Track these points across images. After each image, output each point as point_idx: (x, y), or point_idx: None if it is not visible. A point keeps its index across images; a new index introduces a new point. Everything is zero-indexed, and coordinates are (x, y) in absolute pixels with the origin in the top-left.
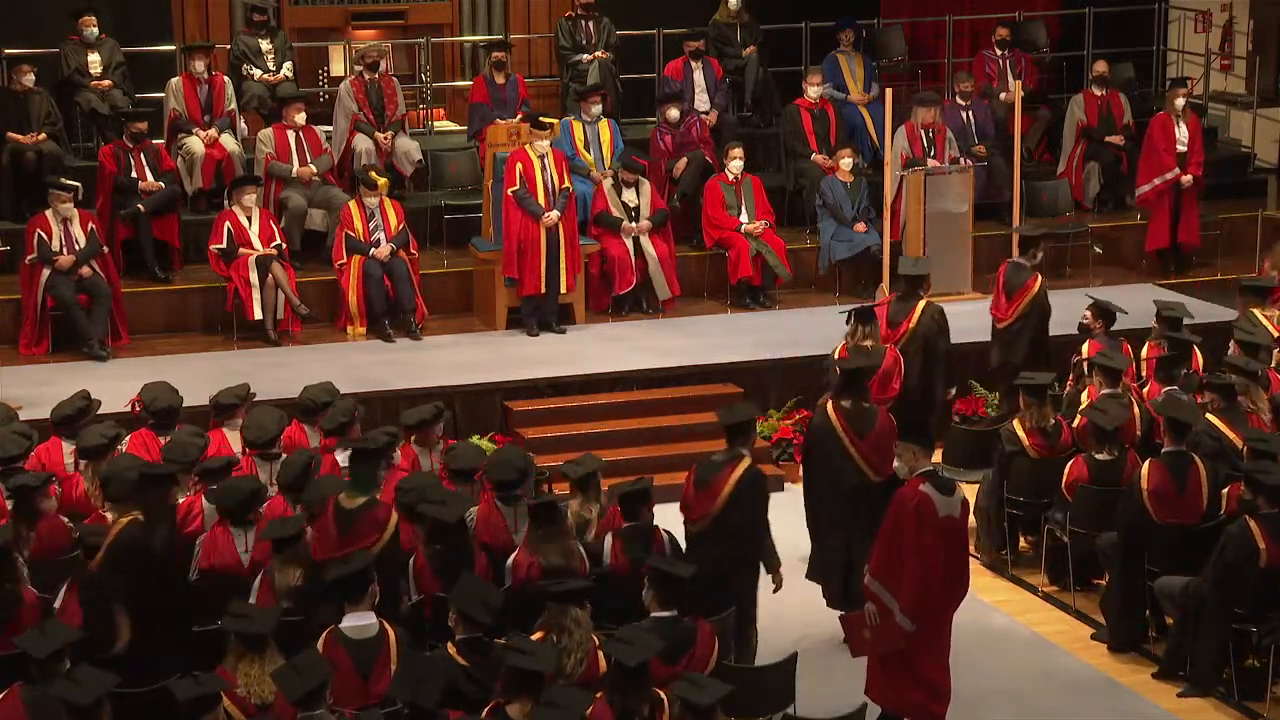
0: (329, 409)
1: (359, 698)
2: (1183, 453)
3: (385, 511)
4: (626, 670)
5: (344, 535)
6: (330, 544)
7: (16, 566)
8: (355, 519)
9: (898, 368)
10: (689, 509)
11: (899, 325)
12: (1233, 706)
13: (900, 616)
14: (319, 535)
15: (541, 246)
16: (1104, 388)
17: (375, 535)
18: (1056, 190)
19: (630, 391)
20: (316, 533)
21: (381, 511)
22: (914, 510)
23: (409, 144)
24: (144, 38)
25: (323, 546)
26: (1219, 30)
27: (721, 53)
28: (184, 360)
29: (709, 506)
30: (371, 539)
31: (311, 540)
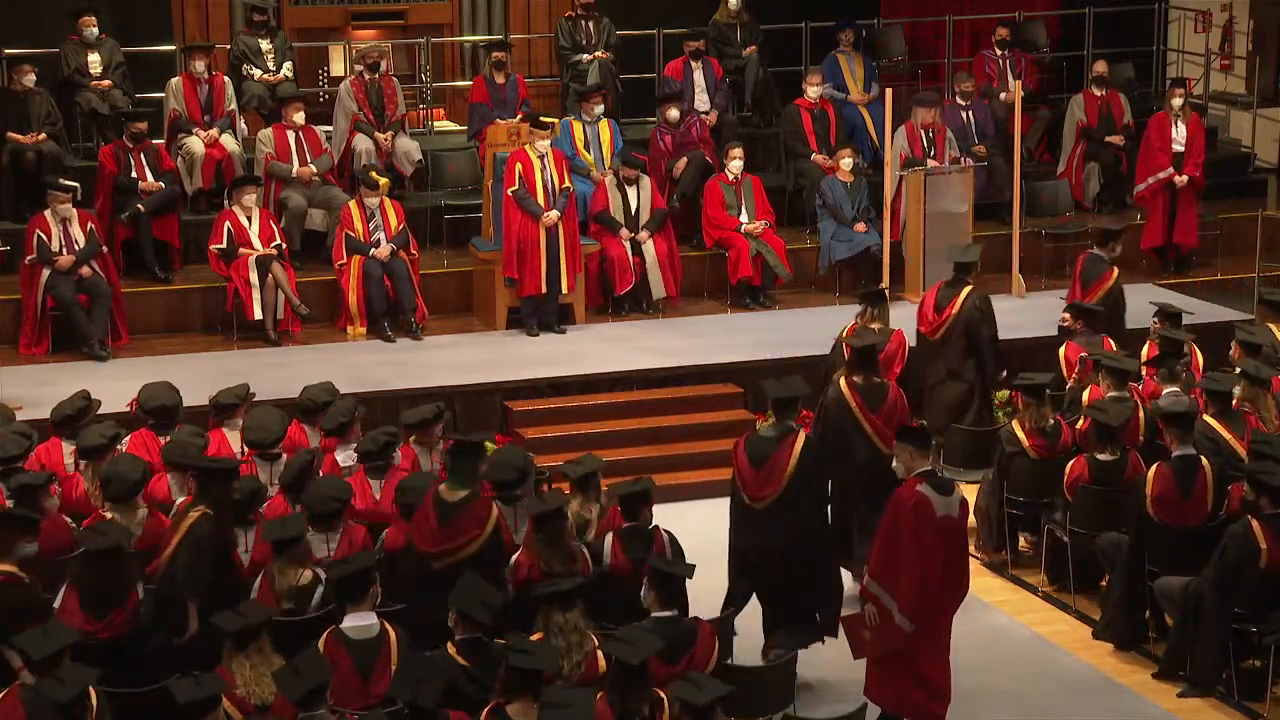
0: (329, 409)
1: (359, 698)
2: (1190, 456)
3: (486, 506)
4: (627, 669)
5: (445, 528)
6: (431, 536)
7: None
8: (457, 512)
9: (900, 351)
10: (750, 487)
11: (944, 310)
12: (1233, 706)
13: (899, 617)
14: (418, 527)
15: (541, 246)
16: (1110, 390)
17: (478, 529)
18: (1056, 190)
19: (630, 391)
20: (415, 525)
21: (483, 506)
22: (911, 511)
23: (409, 144)
24: (144, 38)
25: (423, 538)
26: (1219, 30)
27: (721, 53)
28: (184, 360)
29: (775, 484)
30: (474, 533)
31: (411, 532)
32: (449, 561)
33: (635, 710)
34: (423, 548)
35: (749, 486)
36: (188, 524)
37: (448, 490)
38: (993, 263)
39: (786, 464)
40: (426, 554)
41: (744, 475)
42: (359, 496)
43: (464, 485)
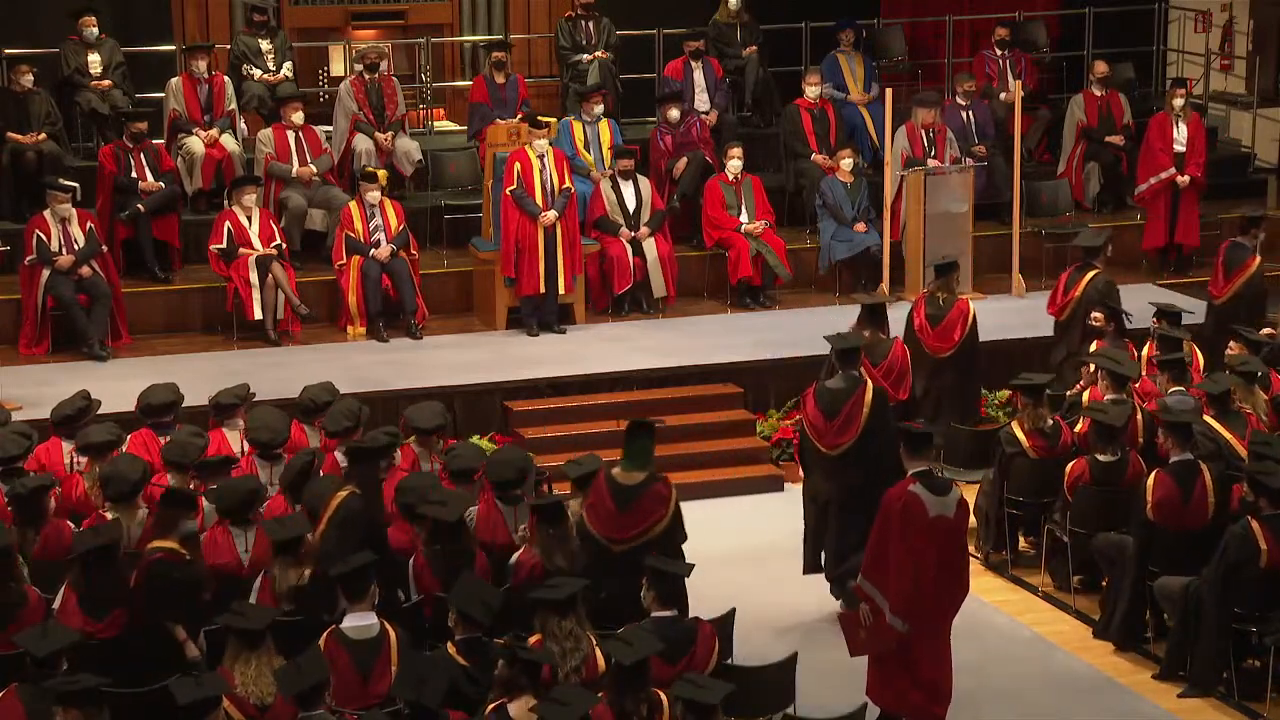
0: (330, 409)
1: (359, 698)
2: (1189, 462)
3: (666, 485)
4: (626, 669)
5: (624, 511)
6: (609, 520)
7: (18, 566)
8: (637, 495)
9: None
10: (825, 437)
11: (1069, 292)
12: (1233, 707)
13: (891, 616)
14: (593, 512)
15: (539, 246)
16: (1109, 392)
17: (661, 510)
18: (1056, 190)
19: (630, 391)
20: (590, 510)
21: (663, 486)
22: (900, 511)
23: (409, 144)
24: (144, 38)
25: (600, 522)
26: (1219, 30)
27: (721, 53)
28: (184, 360)
29: (850, 433)
30: (659, 513)
31: (587, 515)
32: (631, 545)
33: (635, 710)
34: (602, 532)
35: (824, 436)
36: (336, 502)
37: (623, 474)
38: (993, 263)
39: (861, 413)
40: (606, 538)
41: (818, 426)
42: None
43: (641, 467)
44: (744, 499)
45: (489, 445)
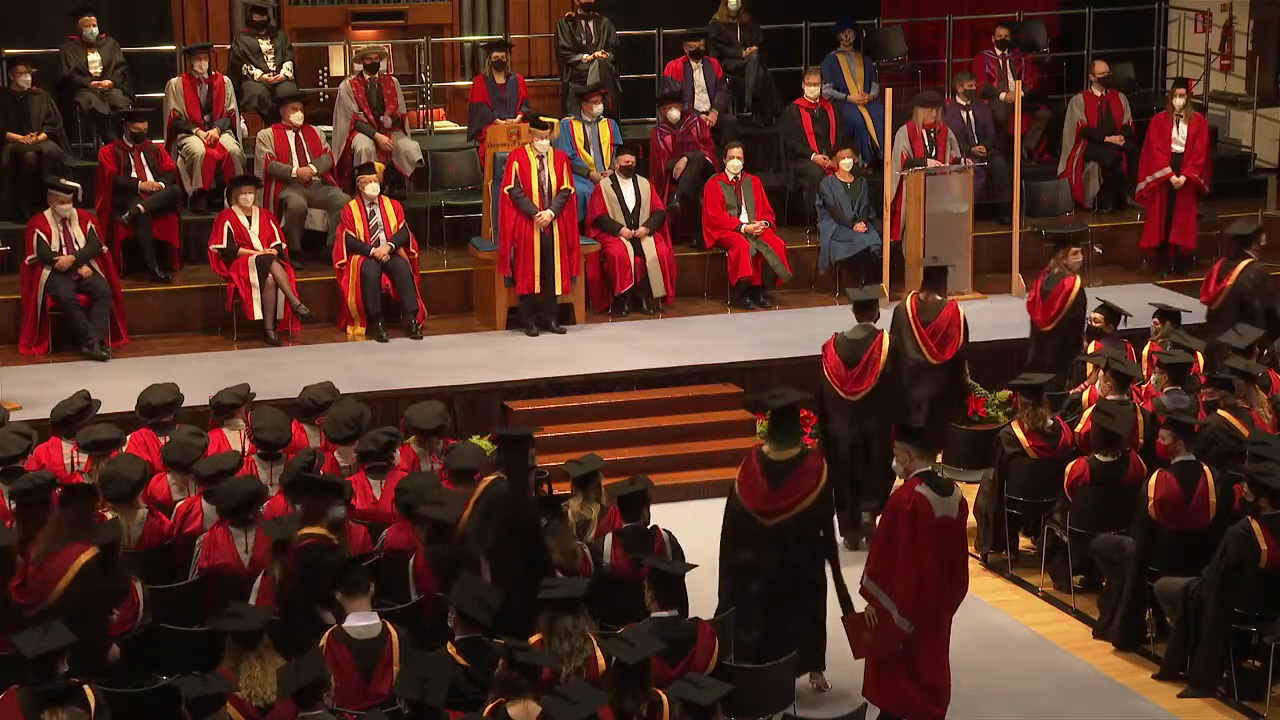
0: (329, 410)
1: (360, 698)
2: (1192, 462)
3: (818, 459)
4: (627, 669)
5: (779, 488)
6: (763, 495)
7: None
8: (791, 470)
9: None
10: (845, 384)
11: (1222, 281)
12: (1233, 707)
13: (898, 618)
14: (746, 489)
15: (535, 246)
16: (1111, 392)
17: (813, 482)
18: (1056, 190)
19: (630, 391)
20: (744, 489)
21: (815, 459)
22: (909, 512)
23: (409, 144)
24: (144, 38)
25: (753, 497)
26: (1219, 30)
27: (721, 53)
28: (184, 360)
29: (869, 380)
30: (810, 485)
31: (740, 492)
32: (784, 518)
33: (635, 710)
34: (755, 507)
35: (844, 383)
36: (483, 486)
37: (774, 450)
38: (993, 263)
39: (878, 361)
40: (759, 512)
41: (838, 374)
42: (359, 496)
43: (791, 444)
44: None
45: (489, 445)
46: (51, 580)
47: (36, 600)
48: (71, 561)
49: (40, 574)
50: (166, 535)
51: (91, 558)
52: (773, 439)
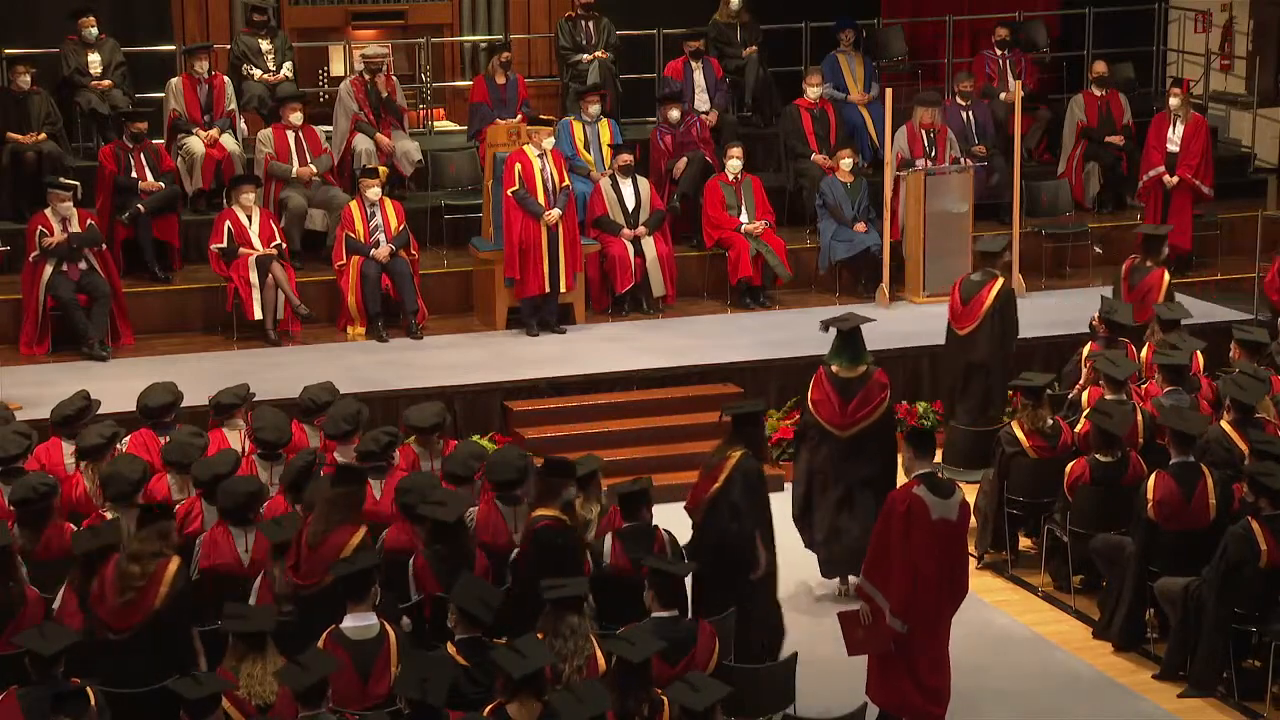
0: (329, 410)
1: (359, 699)
2: (1191, 463)
3: (884, 375)
4: (629, 667)
5: (848, 400)
6: (835, 410)
7: (17, 566)
8: (860, 385)
9: None
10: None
11: None
12: (1233, 706)
13: (891, 617)
14: (819, 405)
15: (543, 246)
16: (1109, 393)
17: (881, 395)
18: (1056, 190)
19: (630, 391)
20: (815, 404)
21: (882, 375)
22: (904, 513)
23: (409, 144)
24: (144, 38)
25: (827, 413)
26: (1219, 30)
27: (721, 53)
28: (184, 360)
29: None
30: (879, 399)
31: (813, 409)
32: (855, 430)
33: (636, 710)
34: (829, 421)
35: (957, 320)
36: (732, 462)
37: (843, 369)
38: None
39: (984, 302)
40: (833, 426)
41: (955, 311)
42: None
43: (859, 361)
44: None
45: (489, 445)
46: (329, 560)
47: (315, 580)
48: (346, 542)
49: (316, 555)
50: None
51: (365, 537)
52: (840, 359)
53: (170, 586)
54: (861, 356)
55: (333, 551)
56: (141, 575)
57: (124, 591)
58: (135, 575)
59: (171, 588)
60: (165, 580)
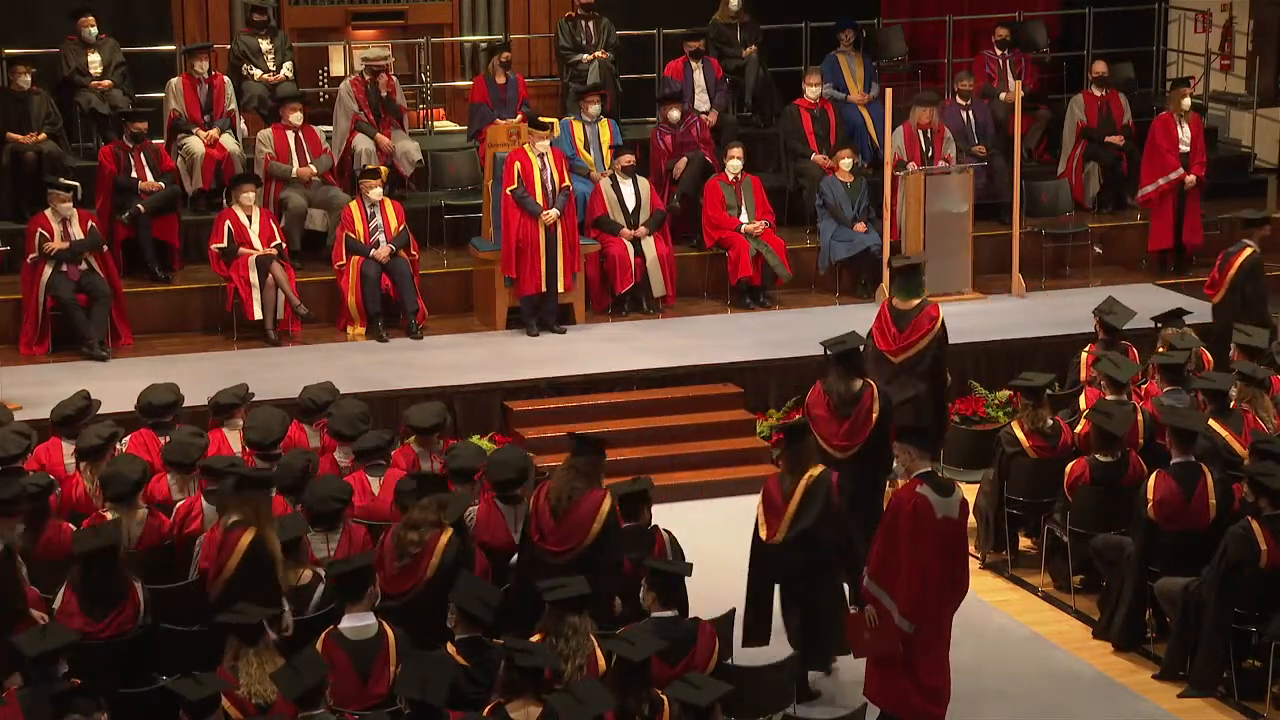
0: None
1: (358, 698)
2: (1191, 463)
3: (936, 310)
4: (630, 666)
5: (903, 330)
6: (891, 338)
7: (17, 566)
8: (912, 316)
9: None
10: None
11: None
12: (1233, 707)
13: (899, 618)
14: (878, 333)
15: (541, 246)
16: (1109, 394)
17: (928, 326)
18: (1056, 190)
19: (630, 391)
20: (876, 331)
21: (933, 309)
22: (910, 512)
23: (409, 144)
24: (144, 38)
25: (884, 340)
26: (1219, 30)
27: (721, 53)
28: (184, 360)
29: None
30: (925, 329)
31: (874, 335)
32: (906, 356)
33: (636, 709)
34: (884, 348)
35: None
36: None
37: (899, 301)
38: (993, 263)
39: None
40: (888, 352)
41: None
42: (359, 495)
43: (913, 295)
44: (744, 499)
45: (489, 445)
46: (585, 525)
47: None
48: (598, 507)
49: (568, 523)
50: (166, 535)
51: (612, 504)
52: (899, 292)
53: (440, 558)
54: (917, 291)
55: (586, 516)
56: (418, 543)
57: (400, 557)
58: (412, 543)
59: (441, 559)
60: (437, 551)
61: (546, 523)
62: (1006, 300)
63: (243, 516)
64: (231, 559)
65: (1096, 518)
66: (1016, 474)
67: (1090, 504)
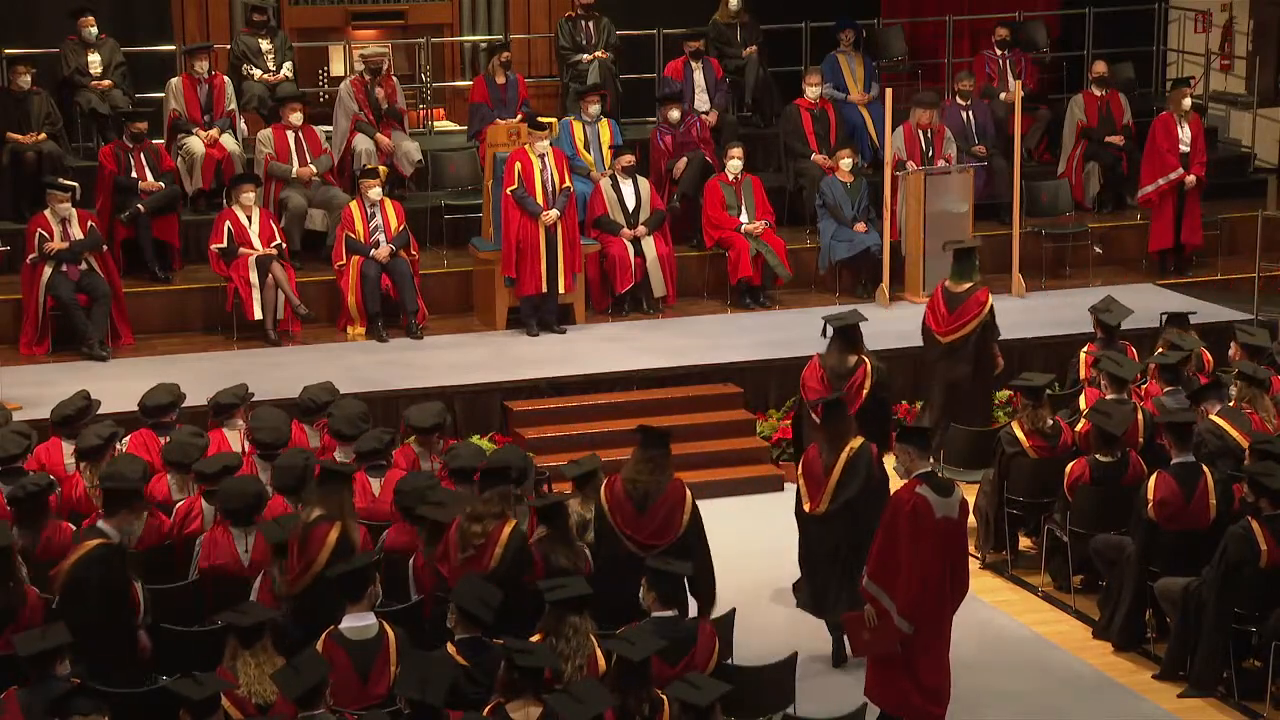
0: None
1: (358, 698)
2: (1190, 463)
3: (985, 294)
4: (630, 666)
5: (953, 313)
6: (941, 319)
7: (17, 566)
8: (963, 299)
9: None
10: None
11: None
12: (1233, 707)
13: (898, 618)
14: (930, 314)
15: (540, 246)
16: (1109, 393)
17: (977, 310)
18: (1056, 190)
19: (630, 391)
20: (929, 311)
21: (983, 294)
22: (909, 513)
23: (409, 144)
24: (144, 38)
25: (935, 321)
26: (1219, 30)
27: (721, 53)
28: (184, 360)
29: None
30: (973, 313)
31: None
32: (954, 338)
33: (637, 709)
34: (935, 329)
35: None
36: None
37: (952, 284)
38: (993, 263)
39: None
40: (938, 333)
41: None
42: (359, 496)
43: (966, 279)
44: (744, 499)
45: (489, 445)
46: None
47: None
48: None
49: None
50: (166, 535)
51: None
52: (952, 275)
53: (504, 549)
54: (970, 273)
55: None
56: (481, 534)
57: (464, 549)
58: (475, 534)
59: (505, 550)
60: (501, 542)
61: (630, 516)
62: (1006, 300)
63: (326, 511)
64: (321, 553)
65: (1096, 518)
66: (1016, 474)
67: (1090, 504)
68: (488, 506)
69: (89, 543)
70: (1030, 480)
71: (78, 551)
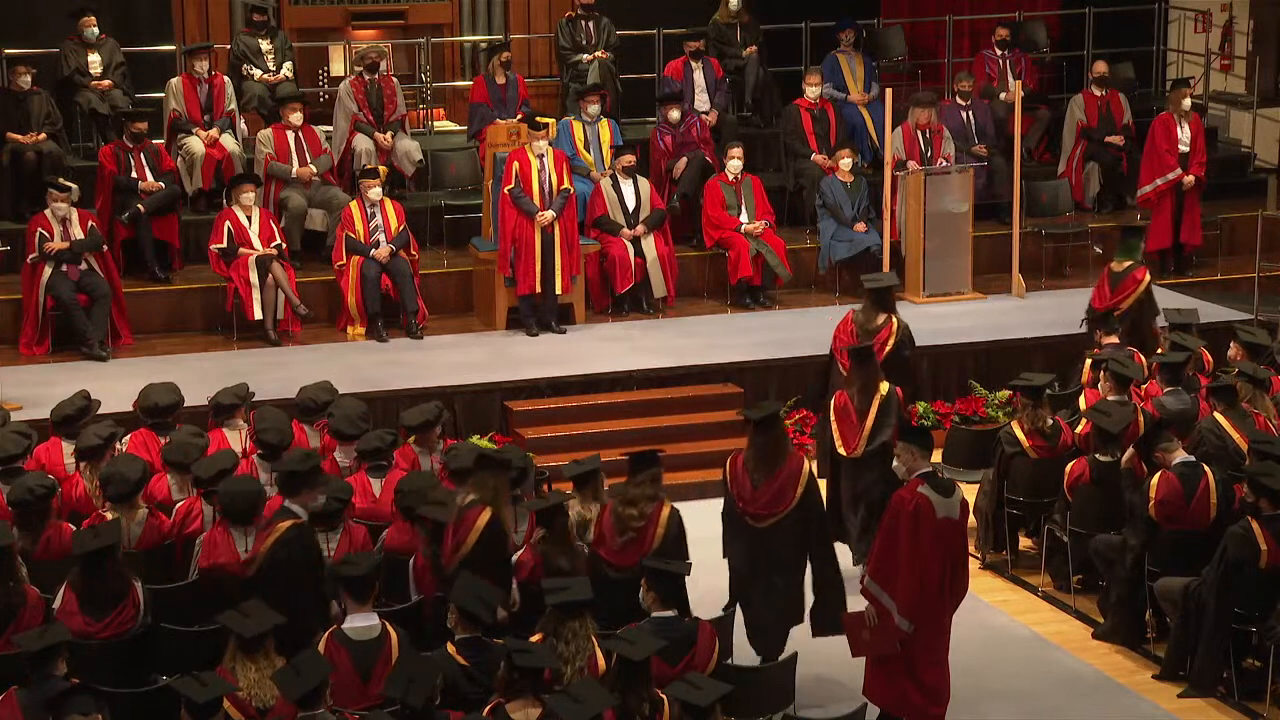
0: (330, 409)
1: (359, 699)
2: (1191, 463)
3: (1143, 272)
4: (630, 667)
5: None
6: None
7: (17, 566)
8: (1123, 278)
9: None
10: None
11: None
12: (1233, 706)
13: (899, 618)
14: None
15: (536, 246)
16: (1111, 393)
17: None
18: (1056, 190)
19: (630, 391)
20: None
21: (1141, 271)
22: (911, 513)
23: (409, 144)
24: (144, 38)
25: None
26: (1219, 30)
27: (721, 53)
28: (184, 360)
29: None
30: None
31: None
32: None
33: (637, 709)
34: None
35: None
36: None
37: (1115, 263)
38: (993, 263)
39: None
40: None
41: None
42: (359, 496)
43: (1128, 258)
44: None
45: (489, 445)
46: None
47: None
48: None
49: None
50: (166, 535)
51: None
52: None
53: (665, 529)
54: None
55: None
56: (640, 517)
57: (623, 532)
58: (633, 518)
59: (666, 530)
60: (660, 522)
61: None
62: (1006, 300)
63: (480, 496)
64: (470, 536)
65: (1096, 518)
66: (1016, 474)
67: (1090, 504)
68: (641, 490)
69: (282, 523)
70: (1030, 480)
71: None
